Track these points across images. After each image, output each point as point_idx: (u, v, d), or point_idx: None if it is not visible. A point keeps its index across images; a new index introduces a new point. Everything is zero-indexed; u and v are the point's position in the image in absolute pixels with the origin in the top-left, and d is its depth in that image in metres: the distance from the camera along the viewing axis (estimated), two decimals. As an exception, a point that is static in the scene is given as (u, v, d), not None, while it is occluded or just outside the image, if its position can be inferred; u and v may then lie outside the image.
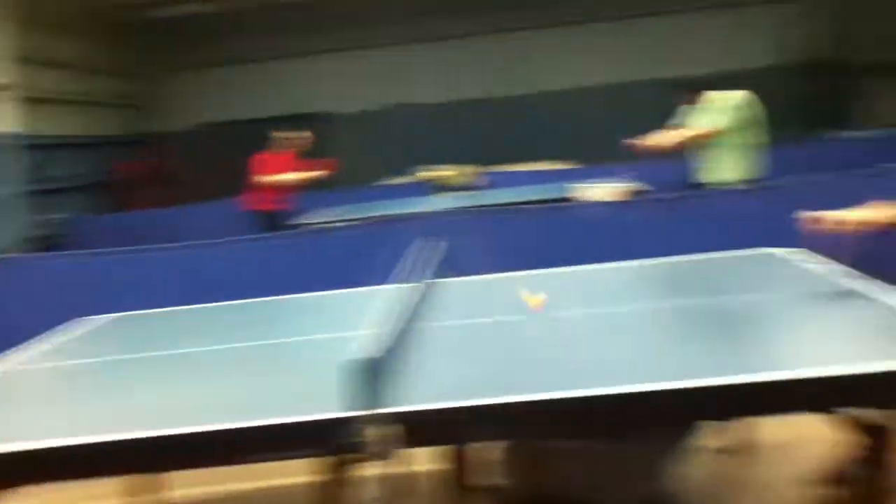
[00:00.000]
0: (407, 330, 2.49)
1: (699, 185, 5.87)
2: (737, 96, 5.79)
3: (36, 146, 10.68)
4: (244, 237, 5.64)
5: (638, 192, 6.36)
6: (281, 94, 14.76)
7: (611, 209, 5.12)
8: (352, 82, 14.84)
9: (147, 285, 4.94)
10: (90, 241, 9.60)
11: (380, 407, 1.82)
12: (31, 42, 10.75)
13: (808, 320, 2.47)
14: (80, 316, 3.53)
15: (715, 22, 14.00)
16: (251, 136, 8.34)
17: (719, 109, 5.69)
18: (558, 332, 2.53)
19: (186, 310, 3.60)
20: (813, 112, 13.94)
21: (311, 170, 7.60)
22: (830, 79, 13.80)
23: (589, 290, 3.18)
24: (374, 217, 5.53)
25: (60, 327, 3.31)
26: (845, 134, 10.75)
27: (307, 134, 7.80)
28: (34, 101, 10.82)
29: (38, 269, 5.23)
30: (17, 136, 10.25)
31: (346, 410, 1.81)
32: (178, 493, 3.27)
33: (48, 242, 10.26)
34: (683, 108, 6.03)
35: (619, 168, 8.47)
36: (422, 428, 1.83)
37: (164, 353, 2.83)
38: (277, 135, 7.75)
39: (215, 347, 2.85)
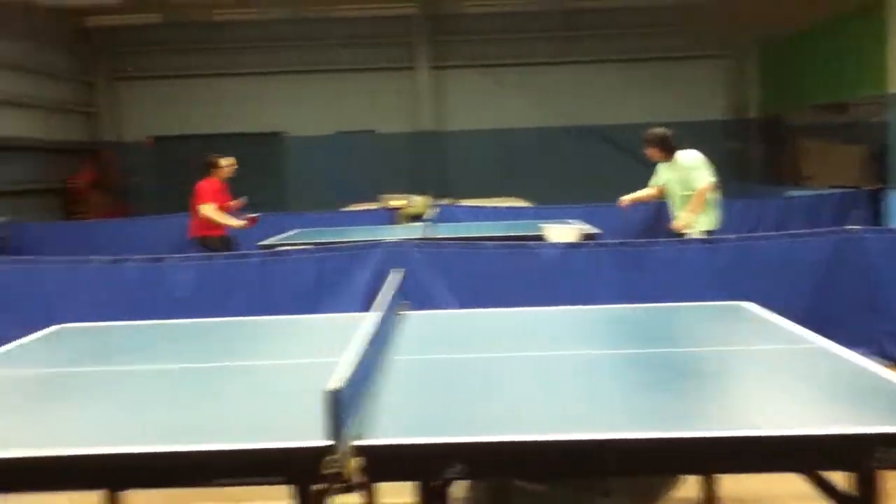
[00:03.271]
0: (379, 362, 2.50)
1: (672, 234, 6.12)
2: (696, 154, 6.13)
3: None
4: (192, 255, 5.58)
5: (588, 235, 6.49)
6: (235, 112, 14.72)
7: (565, 250, 5.23)
8: (310, 106, 14.93)
9: (87, 296, 4.86)
10: (34, 246, 9.37)
11: (349, 439, 1.82)
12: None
13: (777, 377, 2.45)
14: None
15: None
16: (198, 152, 8.30)
17: (695, 166, 6.02)
18: (529, 373, 2.54)
19: (138, 325, 3.53)
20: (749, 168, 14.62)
21: (236, 209, 7.59)
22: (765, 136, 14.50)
23: (555, 333, 3.21)
24: (334, 243, 5.52)
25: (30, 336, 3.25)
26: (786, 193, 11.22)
27: (232, 160, 7.73)
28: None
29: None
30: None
31: (312, 440, 1.81)
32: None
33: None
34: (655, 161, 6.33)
35: (572, 210, 8.72)
36: (394, 463, 1.83)
37: (118, 368, 2.76)
38: (213, 158, 7.66)
39: (172, 366, 2.78)
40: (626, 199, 6.52)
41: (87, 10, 13.22)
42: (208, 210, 7.28)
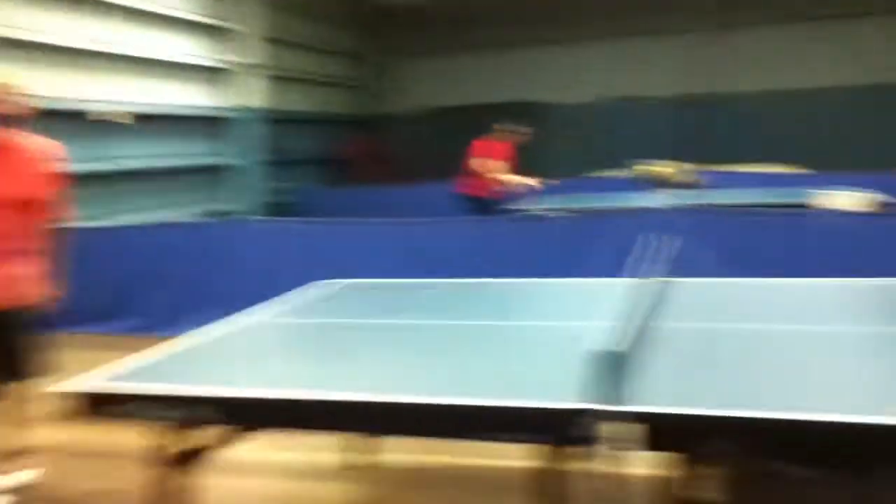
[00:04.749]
0: (646, 328, 2.40)
1: None
2: None
3: (275, 120, 11.62)
4: (463, 217, 5.76)
5: (885, 205, 5.74)
6: (499, 82, 14.97)
7: (854, 220, 4.67)
8: (571, 74, 14.75)
9: (369, 256, 5.22)
10: (316, 210, 10.32)
11: (620, 404, 1.76)
12: (278, 23, 11.68)
13: None
14: (309, 277, 3.75)
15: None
16: (467, 122, 8.55)
17: None
18: (798, 349, 2.33)
19: (414, 283, 3.72)
20: None
21: (522, 174, 7.65)
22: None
23: (828, 305, 2.90)
24: (595, 209, 5.43)
25: (301, 288, 3.53)
26: None
27: (527, 129, 7.82)
28: (276, 79, 11.77)
29: (276, 232, 5.67)
30: (262, 111, 11.20)
31: (583, 402, 1.77)
32: (391, 457, 3.36)
33: (281, 209, 11.15)
34: None
35: (857, 177, 7.70)
36: (665, 432, 1.73)
37: (394, 321, 2.94)
38: (499, 127, 7.82)
39: (444, 322, 2.91)
40: None
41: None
42: (497, 168, 7.40)
